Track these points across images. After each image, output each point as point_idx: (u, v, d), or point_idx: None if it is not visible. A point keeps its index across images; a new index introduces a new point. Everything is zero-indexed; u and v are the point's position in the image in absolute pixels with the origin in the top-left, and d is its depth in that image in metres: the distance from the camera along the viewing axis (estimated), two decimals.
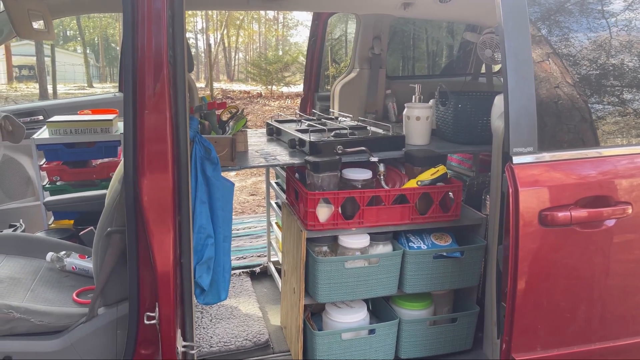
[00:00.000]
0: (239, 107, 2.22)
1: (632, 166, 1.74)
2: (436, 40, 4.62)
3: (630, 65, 1.84)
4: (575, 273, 1.69)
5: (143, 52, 1.45)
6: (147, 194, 1.47)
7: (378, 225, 1.99)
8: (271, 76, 15.27)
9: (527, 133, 1.63)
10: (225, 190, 1.79)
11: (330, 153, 2.07)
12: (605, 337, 1.77)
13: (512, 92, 1.62)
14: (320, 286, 1.93)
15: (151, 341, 1.59)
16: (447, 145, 2.36)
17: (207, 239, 1.72)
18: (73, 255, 2.12)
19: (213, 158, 1.73)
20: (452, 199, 2.05)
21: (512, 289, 1.64)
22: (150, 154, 1.47)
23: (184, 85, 1.53)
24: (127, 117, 1.47)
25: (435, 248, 2.02)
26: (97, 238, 1.77)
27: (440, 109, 2.47)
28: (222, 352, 2.18)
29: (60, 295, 1.92)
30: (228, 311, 2.52)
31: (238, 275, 2.94)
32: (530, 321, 1.69)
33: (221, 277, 1.81)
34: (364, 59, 3.33)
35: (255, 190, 6.11)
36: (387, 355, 2.07)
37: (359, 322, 2.03)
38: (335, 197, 1.92)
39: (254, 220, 4.14)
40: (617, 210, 1.66)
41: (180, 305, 1.58)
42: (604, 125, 1.81)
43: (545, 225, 1.61)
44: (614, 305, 1.75)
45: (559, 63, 1.75)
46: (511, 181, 1.60)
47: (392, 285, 2.01)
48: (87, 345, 1.70)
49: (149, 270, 1.51)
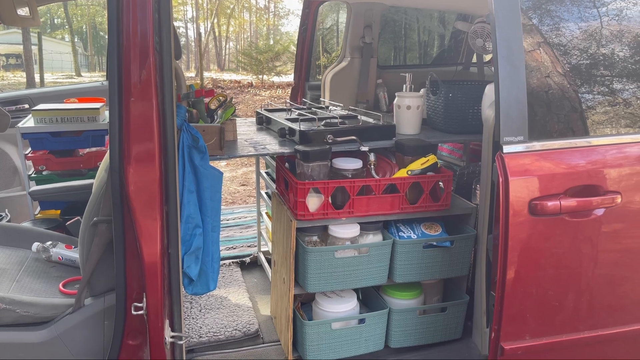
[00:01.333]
0: (227, 95, 2.19)
1: (621, 156, 1.75)
2: (427, 29, 4.60)
3: (621, 55, 1.84)
4: (564, 262, 1.69)
5: (128, 39, 1.42)
6: (133, 183, 1.45)
7: (368, 214, 1.98)
8: (262, 66, 15.16)
9: (517, 122, 1.63)
10: (213, 180, 1.76)
11: (320, 142, 2.05)
12: (593, 326, 1.78)
13: (503, 81, 1.61)
14: (310, 276, 1.92)
15: (139, 332, 1.57)
16: (437, 135, 2.35)
17: (196, 228, 1.70)
18: (59, 245, 2.09)
19: (201, 147, 1.71)
20: (442, 188, 2.05)
21: (501, 278, 1.64)
22: (136, 142, 1.45)
23: (170, 72, 1.50)
24: (113, 106, 1.45)
25: (425, 237, 2.02)
26: (83, 228, 1.74)
27: (431, 98, 2.45)
28: (212, 342, 2.17)
29: (47, 286, 1.90)
30: (217, 301, 2.51)
31: (228, 266, 2.93)
32: (519, 310, 1.69)
33: (210, 267, 1.79)
34: (355, 48, 3.31)
35: (246, 180, 6.08)
36: (377, 344, 2.07)
37: (349, 312, 2.03)
38: (325, 186, 1.91)
39: (244, 210, 4.12)
40: (606, 200, 1.66)
41: (168, 295, 1.57)
42: (594, 115, 1.81)
43: (535, 214, 1.61)
44: (602, 294, 1.76)
45: (550, 52, 1.74)
46: (501, 170, 1.60)
47: (382, 275, 2.01)
48: (73, 336, 1.68)
49: (136, 260, 1.50)
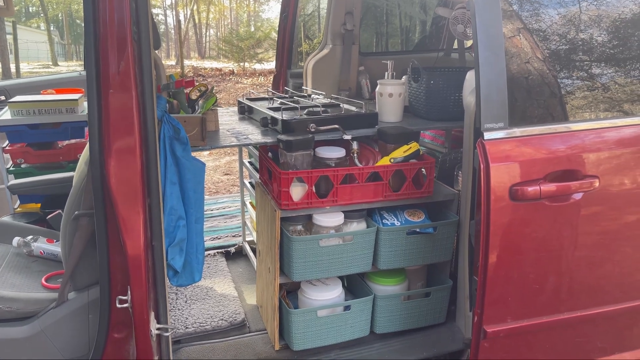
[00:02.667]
0: (208, 85, 2.17)
1: (599, 140, 1.78)
2: (409, 15, 4.59)
3: (599, 40, 1.86)
4: (545, 246, 1.72)
5: (105, 29, 1.39)
6: (114, 175, 1.44)
7: (352, 203, 1.99)
8: (243, 53, 15.02)
9: (497, 109, 1.64)
10: (196, 171, 1.75)
11: (303, 131, 2.05)
12: (573, 307, 1.82)
13: (483, 68, 1.62)
14: (295, 265, 1.92)
15: (124, 325, 1.57)
16: (419, 122, 2.36)
17: (179, 220, 1.70)
18: (41, 239, 2.07)
19: (182, 138, 1.70)
20: (424, 175, 2.06)
21: (483, 262, 1.67)
22: (116, 134, 1.43)
23: (149, 63, 1.48)
24: (92, 98, 1.42)
25: (409, 224, 2.03)
26: (64, 222, 1.72)
27: (412, 86, 2.46)
28: (198, 332, 2.17)
29: (29, 281, 1.88)
30: (203, 292, 2.51)
31: (213, 256, 2.93)
32: (501, 294, 1.72)
33: (194, 259, 1.79)
34: (337, 35, 3.29)
35: (230, 169, 6.05)
36: (363, 330, 2.09)
37: (334, 299, 2.05)
38: (308, 175, 1.91)
39: (228, 200, 4.11)
40: (584, 184, 1.70)
41: (153, 287, 1.56)
42: (573, 100, 1.84)
43: (515, 199, 1.64)
44: (581, 276, 1.80)
45: (530, 38, 1.76)
46: (482, 157, 1.62)
47: (366, 262, 2.03)
48: (58, 330, 1.67)
49: (119, 253, 1.49)
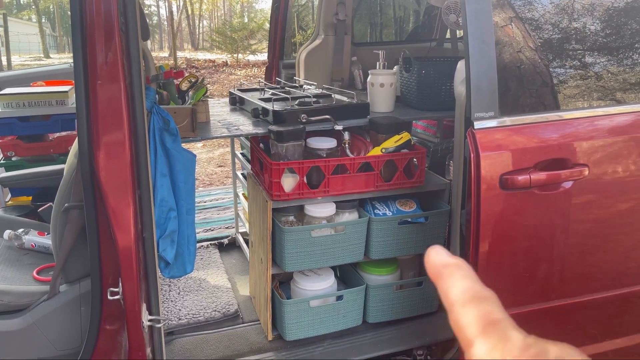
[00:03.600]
0: (199, 76, 2.15)
1: (589, 129, 1.78)
2: (402, 5, 4.57)
3: (592, 29, 1.86)
4: (535, 234, 1.73)
5: (92, 20, 1.38)
6: (104, 168, 1.43)
7: (344, 193, 1.99)
8: (237, 44, 14.94)
9: (488, 98, 1.64)
10: (186, 162, 1.75)
11: (294, 122, 2.04)
12: (564, 295, 1.83)
13: (473, 58, 1.61)
14: (287, 255, 1.93)
15: (116, 317, 1.57)
16: (411, 112, 2.36)
17: (170, 212, 1.69)
18: (32, 232, 2.06)
19: (172, 129, 1.69)
20: (416, 165, 2.07)
21: (474, 252, 1.67)
22: (105, 126, 1.42)
23: (138, 54, 1.47)
24: (79, 89, 1.41)
25: (400, 214, 2.04)
26: (54, 214, 1.72)
27: (404, 76, 2.45)
28: (191, 324, 2.18)
29: (20, 274, 1.88)
30: (196, 283, 2.51)
31: (206, 247, 2.93)
32: (492, 282, 1.72)
33: (186, 250, 1.79)
34: (329, 25, 3.27)
35: (223, 161, 6.04)
36: (355, 320, 2.10)
37: (327, 289, 2.05)
38: (300, 166, 1.90)
39: (221, 191, 4.10)
40: (574, 173, 1.70)
41: (145, 279, 1.56)
42: (565, 89, 1.84)
43: (505, 188, 1.64)
44: (572, 264, 1.81)
45: (522, 27, 1.75)
46: (472, 146, 1.62)
47: (358, 252, 2.03)
48: (50, 323, 1.67)
49: (110, 245, 1.48)
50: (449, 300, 0.32)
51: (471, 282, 0.33)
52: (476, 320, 0.31)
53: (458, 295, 0.32)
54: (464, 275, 0.33)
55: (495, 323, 0.30)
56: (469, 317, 0.31)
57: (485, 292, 0.32)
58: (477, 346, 0.30)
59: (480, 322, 0.30)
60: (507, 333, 0.30)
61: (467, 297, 0.32)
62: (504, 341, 0.29)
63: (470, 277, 0.33)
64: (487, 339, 0.30)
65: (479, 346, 0.30)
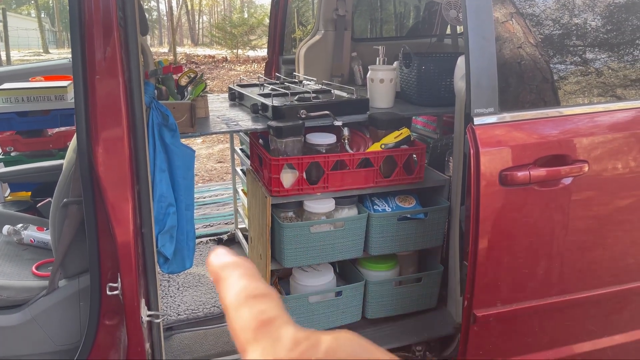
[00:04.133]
0: (198, 71, 2.15)
1: (590, 125, 1.78)
2: (403, 1, 4.55)
3: (592, 25, 1.86)
4: (535, 231, 1.73)
5: (90, 14, 1.38)
6: (102, 163, 1.43)
7: (343, 189, 1.99)
8: (236, 40, 14.89)
9: (487, 94, 1.64)
10: (185, 158, 1.75)
11: (293, 117, 2.04)
12: (563, 291, 1.84)
13: (473, 53, 1.61)
14: (286, 251, 1.93)
15: (115, 312, 1.57)
16: (410, 108, 2.35)
17: (169, 207, 1.69)
18: (31, 227, 2.06)
19: (171, 125, 1.69)
20: (415, 161, 2.06)
21: (473, 248, 1.67)
22: (103, 121, 1.42)
23: (136, 49, 1.46)
24: (78, 84, 1.41)
25: (400, 210, 2.04)
26: (53, 209, 1.72)
27: (404, 71, 2.45)
28: (190, 319, 2.18)
29: (19, 269, 1.88)
30: (195, 279, 2.52)
31: (205, 243, 2.93)
32: (491, 278, 1.73)
33: (185, 246, 1.79)
34: (329, 21, 3.26)
35: (223, 157, 6.03)
36: (354, 316, 2.10)
37: (326, 285, 2.06)
38: (299, 162, 1.90)
39: (221, 187, 4.10)
40: (574, 169, 1.70)
41: (144, 274, 1.56)
42: (566, 85, 1.83)
43: (505, 185, 1.64)
44: (571, 260, 1.81)
45: (522, 23, 1.75)
46: (472, 142, 1.62)
47: (357, 248, 2.03)
48: (49, 318, 1.67)
49: (109, 240, 1.48)
50: (224, 305, 0.30)
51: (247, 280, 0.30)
52: (249, 324, 0.28)
53: (232, 298, 0.29)
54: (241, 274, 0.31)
55: (267, 323, 0.28)
56: (241, 321, 0.28)
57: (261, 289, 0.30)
58: (250, 353, 0.27)
59: (252, 324, 0.28)
60: (279, 332, 0.27)
61: (240, 298, 0.29)
62: (275, 341, 0.27)
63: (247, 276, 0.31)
64: (258, 343, 0.27)
65: (251, 353, 0.27)
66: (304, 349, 0.26)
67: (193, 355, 1.98)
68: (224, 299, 0.30)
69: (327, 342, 0.27)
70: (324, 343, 0.27)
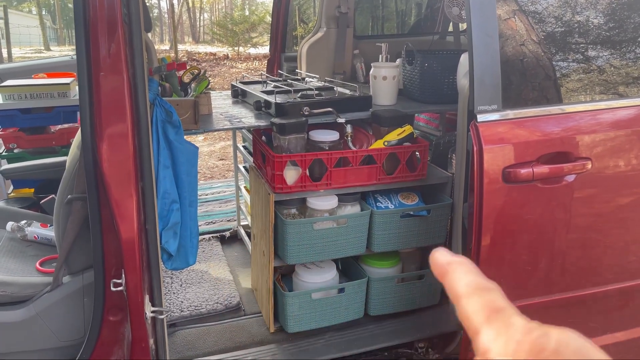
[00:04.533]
0: (201, 68, 2.15)
1: (592, 122, 1.78)
2: None
3: (595, 22, 1.85)
4: (537, 228, 1.73)
5: (95, 11, 1.38)
6: (106, 159, 1.43)
7: (346, 186, 1.99)
8: (238, 37, 14.87)
9: (491, 91, 1.64)
10: (189, 154, 1.75)
11: (296, 114, 2.04)
12: (565, 288, 1.84)
13: (477, 50, 1.61)
14: (289, 248, 1.93)
15: (119, 308, 1.57)
16: (413, 105, 2.35)
17: (172, 204, 1.69)
18: (34, 224, 2.06)
19: (175, 121, 1.69)
20: (418, 158, 2.06)
21: (476, 245, 1.68)
22: (108, 118, 1.42)
23: (140, 45, 1.46)
24: (82, 81, 1.41)
25: (402, 207, 2.04)
26: (57, 206, 1.72)
27: (406, 68, 2.45)
28: (193, 316, 2.19)
29: (23, 265, 1.88)
30: (198, 276, 2.52)
31: (208, 240, 2.93)
32: (493, 275, 1.73)
33: (189, 242, 1.79)
34: (331, 18, 3.26)
35: (225, 154, 6.04)
36: (357, 313, 2.11)
37: (329, 282, 2.06)
38: (302, 159, 1.90)
39: (223, 184, 4.10)
40: (577, 166, 1.70)
41: (147, 271, 1.57)
42: (568, 82, 1.83)
43: (508, 182, 1.64)
44: (573, 257, 1.81)
45: (525, 20, 1.75)
46: (475, 139, 1.62)
47: (360, 245, 2.04)
48: (53, 314, 1.68)
49: (113, 237, 1.49)
50: (456, 294, 0.35)
51: (474, 275, 0.35)
52: (481, 310, 0.32)
53: (463, 288, 0.34)
54: (467, 270, 0.36)
55: (498, 311, 0.32)
56: (474, 307, 0.33)
57: (488, 283, 0.34)
58: (484, 333, 0.31)
59: (484, 311, 0.32)
60: (511, 319, 0.31)
61: (471, 289, 0.34)
62: (508, 327, 0.31)
63: (473, 272, 0.36)
64: (491, 326, 0.31)
65: (485, 333, 0.31)
66: (537, 336, 0.30)
67: (196, 352, 1.98)
68: (454, 289, 0.35)
69: (557, 334, 0.30)
70: (554, 335, 0.30)
